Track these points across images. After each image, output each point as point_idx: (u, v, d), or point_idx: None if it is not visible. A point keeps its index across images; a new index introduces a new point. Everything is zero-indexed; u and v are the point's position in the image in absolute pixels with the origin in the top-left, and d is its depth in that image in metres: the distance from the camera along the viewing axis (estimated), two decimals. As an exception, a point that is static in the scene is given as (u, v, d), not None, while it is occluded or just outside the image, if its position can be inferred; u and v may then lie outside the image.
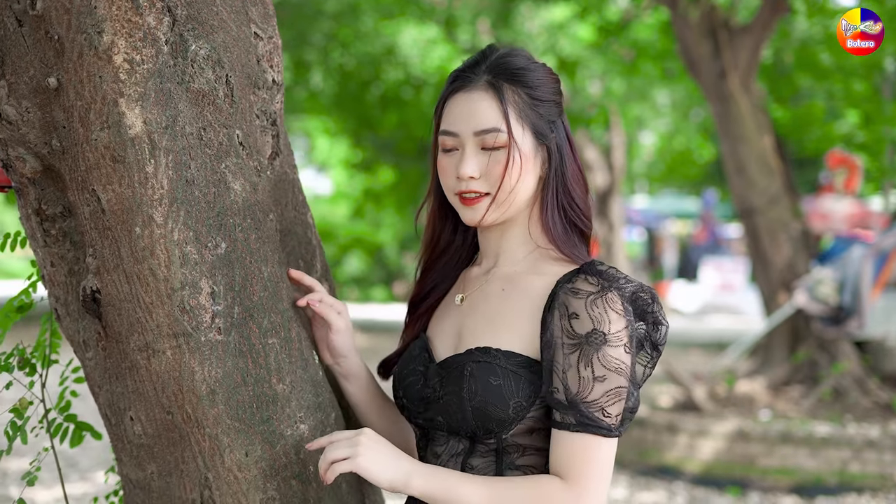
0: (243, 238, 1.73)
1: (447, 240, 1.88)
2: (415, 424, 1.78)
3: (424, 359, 1.76)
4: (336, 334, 1.86)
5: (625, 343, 1.58)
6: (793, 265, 8.90)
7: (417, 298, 1.89)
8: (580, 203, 1.74)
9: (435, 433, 1.72)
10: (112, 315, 1.71)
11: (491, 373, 1.62)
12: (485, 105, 1.69)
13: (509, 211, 1.72)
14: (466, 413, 1.62)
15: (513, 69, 1.70)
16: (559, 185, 1.73)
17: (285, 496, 1.75)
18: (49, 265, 1.82)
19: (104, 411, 1.85)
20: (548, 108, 1.72)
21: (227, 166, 1.72)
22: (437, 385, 1.69)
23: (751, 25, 9.10)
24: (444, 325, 1.80)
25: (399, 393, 1.78)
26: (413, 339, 1.85)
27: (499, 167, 1.68)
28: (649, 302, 1.63)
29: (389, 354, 1.91)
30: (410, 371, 1.76)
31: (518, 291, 1.71)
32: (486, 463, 1.66)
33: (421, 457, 1.77)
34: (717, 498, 6.74)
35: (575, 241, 1.74)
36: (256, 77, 1.80)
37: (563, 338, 1.60)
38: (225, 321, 1.69)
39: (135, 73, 1.60)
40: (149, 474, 1.81)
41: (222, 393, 1.70)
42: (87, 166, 1.64)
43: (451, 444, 1.69)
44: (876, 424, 7.38)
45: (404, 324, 1.93)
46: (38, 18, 1.61)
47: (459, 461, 1.68)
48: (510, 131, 1.67)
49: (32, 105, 1.67)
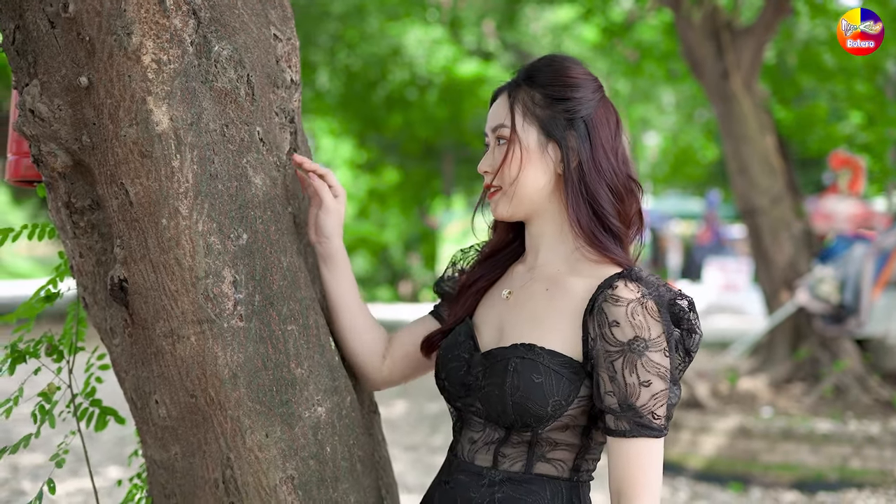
0: (264, 229, 1.81)
1: (501, 237, 1.98)
2: (453, 407, 1.86)
3: (469, 346, 1.82)
4: (325, 213, 1.94)
5: (664, 347, 1.65)
6: (795, 264, 8.97)
7: (468, 283, 1.96)
8: (604, 202, 1.78)
9: (472, 418, 1.80)
10: (139, 303, 1.79)
11: (534, 370, 1.69)
12: (501, 105, 1.82)
13: (524, 204, 1.81)
14: (507, 406, 1.69)
15: (539, 72, 1.81)
16: (578, 182, 1.78)
17: (303, 475, 1.84)
18: (78, 256, 1.90)
19: (130, 395, 1.93)
20: (566, 105, 1.78)
21: (249, 161, 1.80)
22: (480, 374, 1.76)
23: (753, 26, 9.15)
24: (488, 316, 1.87)
25: (441, 375, 1.85)
26: (458, 321, 1.92)
27: (504, 162, 1.79)
28: (686, 310, 1.69)
29: (433, 331, 1.97)
30: (455, 356, 1.83)
31: (561, 292, 1.77)
32: (518, 453, 1.74)
33: (456, 440, 1.86)
34: (719, 493, 6.81)
35: (607, 240, 1.78)
36: (275, 76, 1.89)
37: (606, 345, 1.67)
38: (246, 308, 1.78)
39: (162, 72, 1.69)
40: (172, 455, 1.89)
41: (244, 377, 1.78)
42: (116, 161, 1.72)
43: (487, 431, 1.77)
44: (876, 421, 7.44)
45: (438, 301, 2.04)
46: (71, 21, 1.69)
47: (493, 449, 1.76)
48: (513, 126, 1.77)
49: (64, 103, 1.75)
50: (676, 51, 13.73)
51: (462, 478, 1.78)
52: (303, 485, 1.84)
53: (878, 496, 6.66)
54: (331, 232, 1.96)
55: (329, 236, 1.96)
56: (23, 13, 1.76)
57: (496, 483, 1.74)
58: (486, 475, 1.76)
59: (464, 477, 1.78)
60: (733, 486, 6.96)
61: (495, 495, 1.73)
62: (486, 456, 1.77)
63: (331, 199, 1.95)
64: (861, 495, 6.71)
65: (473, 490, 1.75)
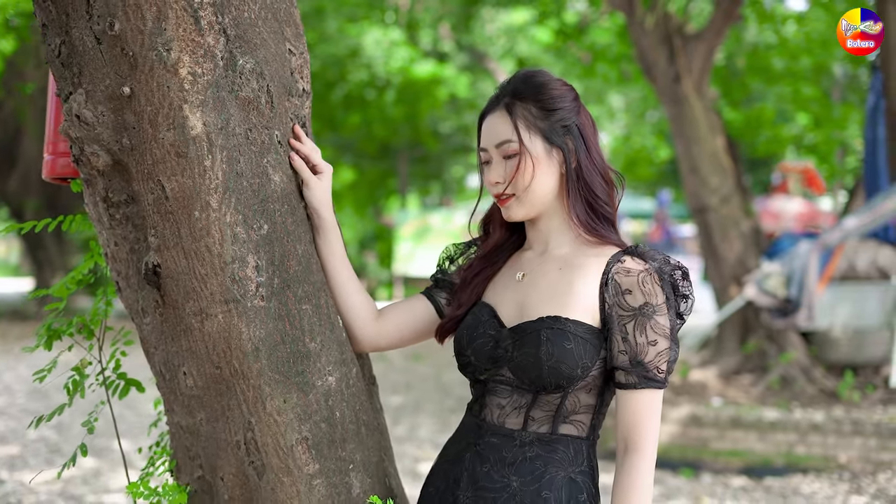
0: (282, 221, 2.06)
1: (502, 235, 2.24)
2: (476, 379, 2.11)
3: (494, 324, 2.08)
4: (308, 189, 2.14)
5: (667, 311, 1.95)
6: (743, 260, 9.29)
7: (472, 274, 2.21)
8: (599, 192, 2.07)
9: (498, 387, 2.06)
10: (170, 285, 2.03)
11: (564, 338, 1.95)
12: (500, 122, 2.07)
13: (536, 205, 2.08)
14: (542, 371, 1.95)
15: (526, 88, 2.07)
16: (577, 178, 2.07)
17: (316, 436, 2.09)
18: (113, 244, 2.14)
19: (158, 368, 2.17)
20: (560, 114, 2.06)
21: (269, 161, 2.05)
22: (510, 347, 2.02)
23: (704, 32, 9.44)
24: (504, 298, 2.13)
25: (467, 352, 2.09)
26: (470, 306, 2.18)
27: (516, 172, 2.04)
28: (681, 279, 1.99)
29: (444, 320, 2.23)
30: (480, 334, 2.08)
31: (574, 269, 2.05)
32: (545, 416, 2.01)
33: (480, 408, 2.11)
34: (671, 478, 7.08)
35: (600, 227, 2.09)
36: (290, 86, 2.14)
37: (620, 311, 1.96)
38: (267, 290, 2.03)
39: (196, 83, 1.93)
40: (198, 421, 2.14)
41: (264, 350, 2.03)
42: (154, 160, 1.96)
43: (514, 397, 2.03)
44: (821, 410, 7.77)
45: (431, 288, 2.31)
46: (115, 37, 1.93)
47: (523, 413, 2.02)
48: (520, 140, 2.03)
49: (107, 109, 1.99)
50: (629, 53, 14.06)
51: (494, 440, 2.04)
52: (316, 444, 2.09)
53: (821, 481, 6.95)
54: (317, 205, 2.16)
55: (316, 209, 2.17)
56: (69, 30, 1.99)
57: (526, 444, 2.01)
58: (517, 437, 2.02)
59: (495, 439, 2.04)
60: (685, 471, 7.23)
61: (527, 454, 2.00)
62: (517, 419, 2.03)
63: (311, 176, 2.14)
64: (806, 480, 7.00)
65: (506, 450, 2.02)
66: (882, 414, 7.60)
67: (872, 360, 9.07)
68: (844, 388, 8.29)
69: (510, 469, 2.00)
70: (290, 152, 2.13)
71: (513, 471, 2.00)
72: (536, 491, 1.97)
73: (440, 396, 10.39)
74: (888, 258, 8.87)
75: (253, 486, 2.11)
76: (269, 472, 2.08)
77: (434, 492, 2.14)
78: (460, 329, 2.15)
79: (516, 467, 2.00)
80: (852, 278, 8.98)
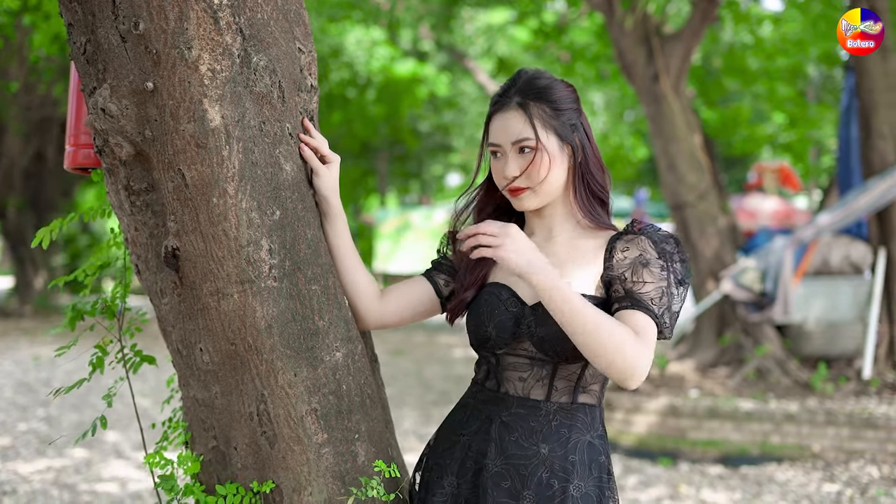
0: (293, 207, 2.22)
1: (494, 216, 2.40)
2: (493, 354, 2.26)
3: (515, 303, 2.23)
4: (316, 177, 2.32)
5: (662, 264, 2.13)
6: (720, 256, 9.48)
7: (473, 260, 2.34)
8: (600, 181, 2.28)
9: (517, 361, 2.22)
10: (188, 268, 2.18)
11: None
12: (516, 120, 2.23)
13: (547, 196, 2.25)
14: (566, 343, 2.11)
15: (536, 89, 2.23)
16: (584, 171, 2.26)
17: (324, 407, 2.25)
18: (133, 230, 2.29)
19: (175, 346, 2.32)
20: (568, 115, 2.24)
21: (281, 152, 2.21)
22: (532, 323, 2.18)
23: (682, 32, 9.60)
24: (514, 278, 2.28)
25: (488, 329, 2.24)
26: (477, 288, 2.34)
27: (532, 166, 2.21)
28: (674, 243, 2.18)
29: (453, 302, 2.38)
30: (502, 311, 2.23)
31: (579, 251, 2.25)
32: (566, 387, 2.19)
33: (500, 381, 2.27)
34: (650, 468, 7.23)
35: (599, 211, 2.29)
36: (300, 82, 2.29)
37: (620, 265, 2.14)
38: (279, 271, 2.19)
39: (215, 79, 2.09)
40: (213, 394, 2.29)
41: (277, 327, 2.19)
42: (175, 150, 2.11)
43: (535, 370, 2.20)
44: (795, 401, 7.97)
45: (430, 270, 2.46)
46: (140, 36, 2.07)
47: (546, 384, 2.20)
48: (537, 138, 2.20)
49: (130, 103, 2.13)
50: (607, 53, 14.24)
51: (521, 411, 2.21)
52: (324, 415, 2.25)
53: (795, 469, 7.13)
54: (326, 193, 2.34)
55: (325, 196, 2.34)
56: (95, 29, 2.13)
57: (551, 413, 2.19)
58: (543, 407, 2.20)
59: (522, 410, 2.21)
60: (663, 460, 7.39)
61: (552, 423, 2.18)
62: (541, 391, 2.20)
63: (319, 165, 2.32)
64: (781, 468, 7.17)
65: (532, 420, 2.19)
66: (854, 405, 7.80)
67: (845, 353, 9.29)
68: (818, 380, 8.48)
69: (538, 437, 2.18)
70: (300, 144, 2.28)
71: (540, 438, 2.18)
72: (564, 456, 2.16)
73: (422, 391, 10.54)
74: (861, 254, 9.08)
75: (265, 454, 2.26)
76: (281, 441, 2.24)
77: (451, 462, 2.29)
78: (476, 308, 2.30)
79: (544, 435, 2.18)
80: (826, 273, 9.18)
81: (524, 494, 2.16)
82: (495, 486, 2.19)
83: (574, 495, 2.14)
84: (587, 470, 2.18)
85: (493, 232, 2.06)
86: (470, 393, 2.37)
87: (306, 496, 2.25)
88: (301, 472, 2.25)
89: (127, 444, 7.60)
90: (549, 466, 2.16)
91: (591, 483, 2.17)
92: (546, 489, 2.15)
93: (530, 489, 2.16)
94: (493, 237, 2.05)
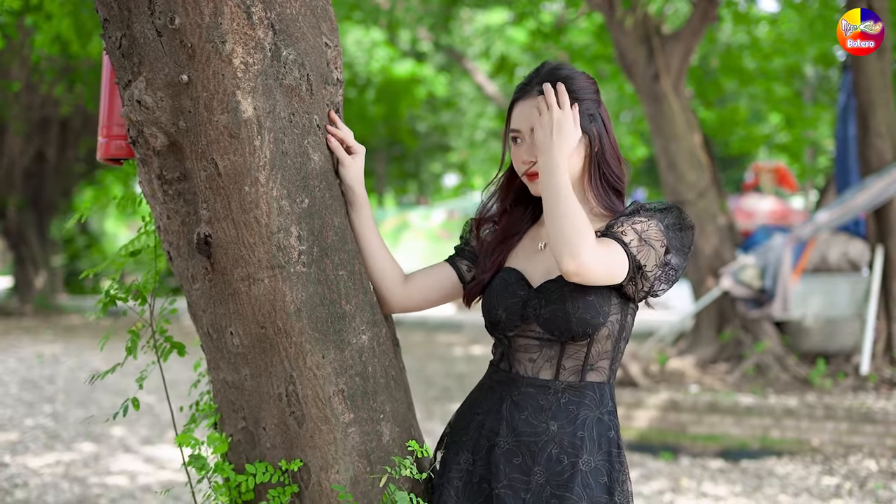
0: (321, 196, 2.30)
1: (519, 216, 2.50)
2: (505, 336, 2.36)
3: (523, 286, 2.34)
4: (343, 167, 2.41)
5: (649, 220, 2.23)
6: (720, 253, 9.57)
7: (492, 246, 2.47)
8: (616, 171, 2.36)
9: (527, 343, 2.32)
10: (220, 254, 2.27)
11: (586, 292, 2.22)
12: (536, 107, 2.31)
13: None
14: (571, 322, 2.22)
15: (557, 78, 2.31)
16: (601, 161, 2.34)
17: (351, 388, 2.34)
18: (165, 218, 2.37)
19: (206, 330, 2.40)
20: (587, 105, 2.32)
21: (309, 142, 2.30)
22: (538, 305, 2.28)
23: (682, 32, 9.69)
24: (529, 263, 2.39)
25: (498, 311, 2.34)
26: (495, 271, 2.43)
27: None
28: (677, 214, 2.29)
29: (471, 285, 2.48)
30: (511, 294, 2.34)
31: None
32: (574, 366, 2.29)
33: (511, 362, 2.36)
34: (651, 462, 7.32)
35: (614, 200, 2.37)
36: (326, 75, 2.38)
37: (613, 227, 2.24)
38: (307, 257, 2.27)
39: (248, 72, 2.17)
40: (243, 376, 2.38)
41: (305, 311, 2.27)
42: (209, 141, 2.19)
43: (543, 350, 2.30)
44: (794, 396, 8.06)
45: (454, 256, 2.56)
46: (175, 31, 2.16)
47: (555, 362, 2.29)
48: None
49: (165, 95, 2.22)
50: (605, 53, 14.33)
51: (530, 390, 2.31)
52: (350, 396, 2.33)
53: (795, 463, 7.22)
54: (352, 182, 2.43)
55: (350, 186, 2.44)
56: (130, 24, 2.22)
57: (560, 391, 2.28)
58: (552, 386, 2.29)
59: (532, 389, 2.30)
60: (664, 454, 7.48)
61: (560, 401, 2.28)
62: (550, 370, 2.29)
63: (345, 156, 2.42)
64: (780, 462, 7.26)
65: (542, 398, 2.29)
66: (853, 400, 7.90)
67: (843, 349, 9.39)
68: (817, 376, 8.58)
69: (547, 415, 2.28)
70: (327, 135, 2.37)
71: (550, 416, 2.27)
72: (573, 432, 2.26)
73: (424, 388, 10.62)
74: (858, 251, 9.18)
75: (293, 434, 2.35)
76: (309, 421, 2.32)
77: (468, 440, 2.38)
78: (489, 291, 2.40)
79: (553, 413, 2.28)
80: (824, 270, 9.29)
81: (535, 470, 2.26)
82: (507, 462, 2.29)
83: (583, 469, 2.24)
84: (596, 445, 2.27)
85: (552, 115, 2.23)
86: (487, 374, 2.46)
87: (333, 474, 2.34)
88: (328, 451, 2.33)
89: (134, 438, 7.69)
90: (558, 442, 2.26)
91: (600, 457, 2.27)
92: (556, 464, 2.25)
93: (540, 465, 2.26)
94: (551, 111, 2.23)
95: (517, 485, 2.27)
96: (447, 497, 2.35)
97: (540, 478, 2.25)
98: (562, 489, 2.23)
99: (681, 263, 2.29)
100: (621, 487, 2.29)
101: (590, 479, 2.24)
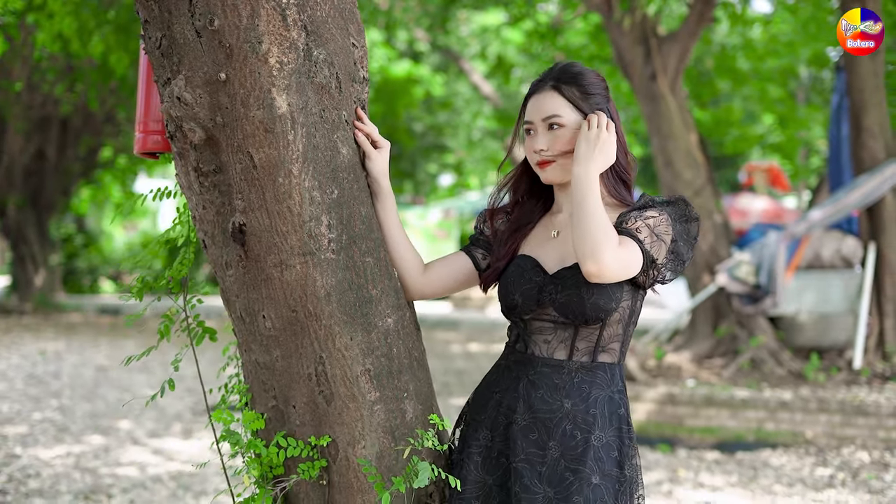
0: (349, 187, 2.45)
1: (533, 206, 2.66)
2: (521, 320, 2.51)
3: (538, 272, 2.49)
4: (369, 161, 2.55)
5: (660, 215, 2.38)
6: (715, 250, 9.72)
7: (507, 234, 2.62)
8: (623, 163, 2.51)
9: (542, 326, 2.47)
10: (253, 242, 2.41)
11: None
12: (548, 100, 2.49)
13: (570, 172, 2.46)
14: (585, 307, 2.37)
15: (570, 74, 2.49)
16: None
17: (377, 368, 2.48)
18: (201, 208, 2.51)
19: (239, 314, 2.54)
20: (596, 99, 2.49)
21: (339, 137, 2.44)
22: (553, 290, 2.43)
23: (678, 33, 9.83)
24: (543, 251, 2.54)
25: (514, 296, 2.49)
26: (510, 258, 2.59)
27: (558, 141, 2.47)
28: (683, 207, 2.45)
29: (488, 272, 2.63)
30: (527, 280, 2.49)
31: None
32: (586, 347, 2.44)
33: (526, 344, 2.51)
34: (649, 454, 7.44)
35: (622, 189, 2.53)
36: (354, 74, 2.52)
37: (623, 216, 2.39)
38: (336, 245, 2.42)
39: (283, 70, 2.31)
40: (274, 357, 2.52)
41: (335, 295, 2.42)
42: (244, 135, 2.33)
43: (558, 332, 2.45)
44: (788, 389, 8.22)
45: (469, 246, 2.70)
46: (214, 32, 2.29)
47: (569, 344, 2.44)
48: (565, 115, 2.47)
49: (204, 92, 2.36)
50: (601, 53, 14.46)
51: (545, 370, 2.46)
52: (377, 375, 2.48)
53: (789, 454, 7.37)
54: (377, 175, 2.57)
55: (376, 178, 2.58)
56: (170, 25, 2.36)
57: (573, 371, 2.44)
58: (565, 366, 2.44)
59: (547, 369, 2.46)
60: (662, 447, 7.60)
61: (574, 380, 2.43)
62: (564, 351, 2.45)
63: (371, 149, 2.56)
64: (775, 454, 7.41)
65: (556, 377, 2.44)
66: (846, 393, 8.06)
67: (837, 344, 9.56)
68: (810, 370, 8.73)
69: (561, 393, 2.43)
70: (355, 130, 2.52)
71: (563, 394, 2.43)
72: (585, 409, 2.41)
73: (424, 383, 10.73)
74: (851, 248, 9.33)
75: (322, 411, 2.49)
76: (337, 399, 2.47)
77: (486, 418, 2.54)
78: (505, 277, 2.56)
79: (566, 391, 2.43)
80: (818, 267, 9.43)
81: (550, 445, 2.41)
82: (524, 438, 2.44)
83: (595, 445, 2.40)
84: (607, 421, 2.42)
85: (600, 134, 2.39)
86: (503, 355, 2.61)
87: (360, 449, 2.48)
88: (355, 427, 2.48)
89: (141, 431, 7.82)
90: (572, 419, 2.41)
91: (611, 433, 2.42)
92: (570, 440, 2.40)
93: (555, 440, 2.41)
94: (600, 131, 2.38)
95: (534, 458, 2.41)
96: (467, 471, 2.50)
97: (555, 452, 2.40)
98: (575, 463, 2.38)
99: (687, 253, 2.45)
100: (630, 461, 2.45)
101: (601, 454, 2.39)
